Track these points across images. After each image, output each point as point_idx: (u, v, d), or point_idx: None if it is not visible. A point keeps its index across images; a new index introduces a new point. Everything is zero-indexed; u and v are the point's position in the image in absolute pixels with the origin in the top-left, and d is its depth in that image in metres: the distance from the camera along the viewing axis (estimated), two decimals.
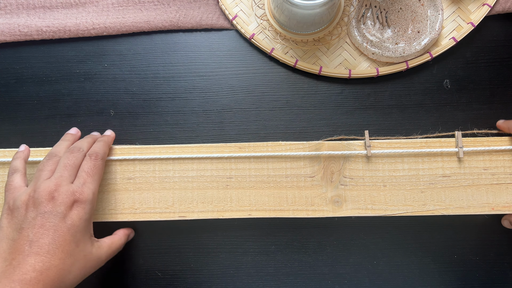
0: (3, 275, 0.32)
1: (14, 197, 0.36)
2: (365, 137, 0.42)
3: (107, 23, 0.46)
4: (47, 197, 0.34)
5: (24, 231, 0.34)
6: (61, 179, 0.36)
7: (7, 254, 0.33)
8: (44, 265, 0.32)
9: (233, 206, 0.41)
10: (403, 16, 0.45)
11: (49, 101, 0.46)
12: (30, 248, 0.33)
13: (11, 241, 0.34)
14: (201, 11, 0.47)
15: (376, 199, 0.41)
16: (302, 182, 0.41)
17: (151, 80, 0.46)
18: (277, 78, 0.46)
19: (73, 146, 0.39)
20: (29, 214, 0.34)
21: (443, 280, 0.43)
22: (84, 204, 0.35)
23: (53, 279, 0.33)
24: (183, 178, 0.42)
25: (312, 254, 0.44)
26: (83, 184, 0.36)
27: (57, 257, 0.33)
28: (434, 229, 0.44)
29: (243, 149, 0.42)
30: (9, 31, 0.46)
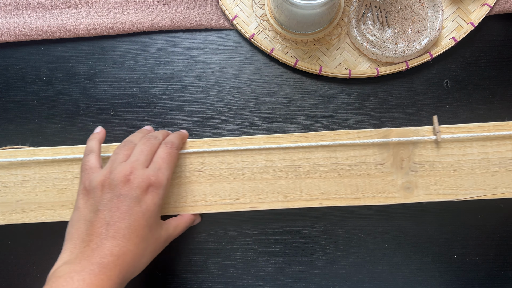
0: (82, 256, 0.32)
1: (90, 177, 0.36)
2: (434, 122, 0.41)
3: (107, 23, 0.46)
4: (123, 180, 0.34)
5: (101, 213, 0.34)
6: (136, 163, 0.36)
7: (85, 235, 0.34)
8: (121, 250, 0.33)
9: (303, 196, 0.41)
10: (403, 16, 0.45)
11: (49, 101, 0.46)
12: (106, 231, 0.33)
13: (88, 222, 0.34)
14: (201, 11, 0.47)
15: (447, 184, 0.41)
16: (372, 170, 0.41)
17: (151, 80, 0.46)
18: (277, 78, 0.46)
19: (149, 135, 0.39)
20: (105, 196, 0.34)
21: (443, 280, 0.43)
22: (158, 189, 0.35)
23: (128, 263, 0.33)
24: (252, 169, 0.42)
25: (312, 254, 0.44)
26: (158, 169, 0.36)
27: (132, 242, 0.33)
28: (434, 229, 0.44)
29: (310, 139, 0.42)
30: (9, 31, 0.46)
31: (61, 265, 0.32)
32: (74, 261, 0.32)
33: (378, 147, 0.41)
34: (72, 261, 0.32)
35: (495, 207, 0.44)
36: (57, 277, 0.31)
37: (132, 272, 0.34)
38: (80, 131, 0.46)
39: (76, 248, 0.33)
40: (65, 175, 0.42)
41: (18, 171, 0.43)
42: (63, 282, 0.30)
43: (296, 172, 0.42)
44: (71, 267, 0.31)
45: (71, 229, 0.35)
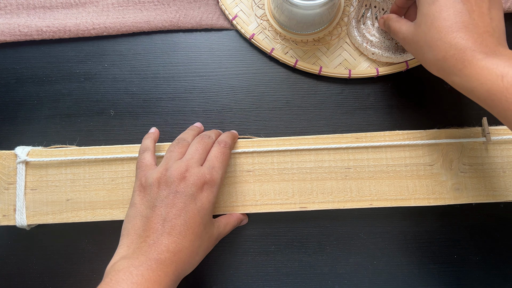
0: (139, 252, 0.33)
1: (146, 174, 0.37)
2: (484, 124, 0.41)
3: (107, 23, 0.46)
4: (179, 177, 0.35)
5: (157, 209, 0.34)
6: (191, 161, 0.36)
7: (141, 231, 0.34)
8: (177, 247, 0.33)
9: (354, 197, 0.41)
10: None
11: (49, 101, 0.46)
12: (163, 228, 0.33)
13: (144, 218, 0.35)
14: (201, 11, 0.47)
15: (497, 185, 0.41)
16: (422, 171, 0.41)
17: (151, 80, 0.46)
18: (277, 78, 0.46)
19: (203, 134, 0.40)
20: (162, 192, 0.35)
21: (443, 280, 0.43)
22: (213, 187, 0.36)
23: (184, 261, 0.33)
24: (302, 169, 0.42)
25: (312, 254, 0.44)
26: (212, 167, 0.37)
27: (187, 239, 0.34)
28: (434, 229, 0.44)
29: (360, 139, 0.42)
30: (9, 31, 0.46)
31: (119, 259, 0.33)
32: (132, 256, 0.32)
33: (428, 148, 0.42)
34: (130, 256, 0.32)
35: (495, 207, 0.44)
36: (116, 271, 0.31)
37: (187, 269, 0.34)
38: (80, 131, 0.46)
39: (133, 243, 0.34)
40: (115, 174, 0.43)
41: (68, 170, 0.43)
42: (123, 276, 0.31)
43: (346, 173, 0.42)
44: (129, 262, 0.32)
45: (127, 224, 0.35)
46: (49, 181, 0.43)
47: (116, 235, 0.44)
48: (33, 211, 0.42)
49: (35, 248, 0.45)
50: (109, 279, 0.31)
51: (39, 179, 0.43)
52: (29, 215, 0.42)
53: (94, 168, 0.43)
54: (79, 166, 0.43)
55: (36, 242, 0.45)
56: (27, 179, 0.43)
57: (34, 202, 0.42)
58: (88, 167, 0.43)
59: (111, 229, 0.44)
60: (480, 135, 0.42)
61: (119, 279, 0.31)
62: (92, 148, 0.43)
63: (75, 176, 0.43)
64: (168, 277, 0.32)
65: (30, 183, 0.43)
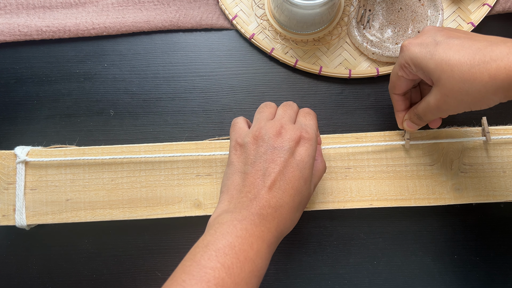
0: (241, 206, 0.32)
1: (241, 134, 0.36)
2: (484, 124, 0.41)
3: (107, 23, 0.46)
4: (275, 133, 0.34)
5: (256, 165, 0.34)
6: (284, 120, 0.36)
7: (241, 186, 0.33)
8: (278, 202, 0.32)
9: (354, 197, 0.41)
10: (403, 16, 0.45)
11: (49, 101, 0.46)
12: (263, 182, 0.33)
13: (243, 174, 0.34)
14: (201, 11, 0.47)
15: (497, 185, 0.41)
16: (422, 171, 0.41)
17: (151, 80, 0.46)
18: (277, 78, 0.46)
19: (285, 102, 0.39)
20: (260, 149, 0.34)
21: (443, 280, 0.43)
22: (309, 141, 0.35)
23: (285, 217, 0.33)
24: None
25: (312, 254, 0.44)
26: (304, 124, 0.36)
27: (288, 194, 0.33)
28: (434, 229, 0.44)
29: (360, 139, 0.42)
30: (9, 31, 0.46)
31: (221, 213, 0.32)
32: (234, 210, 0.32)
33: (428, 148, 0.42)
34: (232, 209, 0.32)
35: (495, 207, 0.44)
36: (220, 223, 0.31)
37: (288, 226, 0.34)
38: (80, 131, 0.46)
39: (234, 198, 0.33)
40: (114, 174, 0.43)
41: (67, 170, 0.43)
42: (227, 228, 0.30)
43: (346, 173, 0.42)
44: (232, 216, 0.31)
45: (226, 181, 0.35)
46: (48, 181, 0.43)
47: (117, 235, 0.44)
48: (32, 211, 0.42)
49: (35, 248, 0.45)
50: (213, 230, 0.31)
51: (39, 179, 0.43)
52: (29, 215, 0.42)
53: (94, 168, 0.43)
54: (78, 166, 0.43)
55: (36, 242, 0.45)
56: (26, 179, 0.42)
57: (33, 202, 0.42)
58: (88, 167, 0.43)
59: (111, 229, 0.44)
60: (480, 135, 0.42)
61: (223, 232, 0.30)
62: (92, 148, 0.43)
63: (75, 176, 0.43)
64: (271, 233, 0.32)
65: (30, 183, 0.43)
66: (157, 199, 0.42)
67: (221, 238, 0.30)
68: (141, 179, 0.42)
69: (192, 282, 0.28)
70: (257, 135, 0.35)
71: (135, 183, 0.42)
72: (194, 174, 0.42)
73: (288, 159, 0.34)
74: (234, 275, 0.28)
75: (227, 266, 0.28)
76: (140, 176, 0.42)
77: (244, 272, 0.29)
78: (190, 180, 0.42)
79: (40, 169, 0.43)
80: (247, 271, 0.29)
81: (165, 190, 0.42)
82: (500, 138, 0.41)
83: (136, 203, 0.42)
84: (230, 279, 0.28)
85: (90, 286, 0.44)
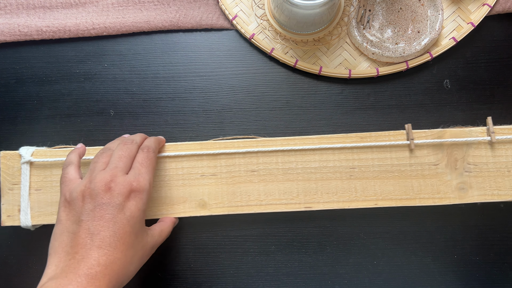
0: (68, 269, 0.31)
1: (70, 189, 0.35)
2: (488, 123, 0.42)
3: (107, 23, 0.46)
4: (104, 188, 0.34)
5: (84, 224, 0.33)
6: (116, 170, 0.35)
7: (69, 247, 0.33)
8: (108, 259, 0.32)
9: (359, 196, 0.41)
10: (403, 16, 0.45)
11: (49, 101, 0.46)
12: (92, 241, 0.32)
13: (71, 234, 0.33)
14: (201, 11, 0.47)
15: (501, 184, 0.41)
16: (427, 171, 0.41)
17: (151, 80, 0.46)
18: (277, 78, 0.46)
19: (126, 138, 0.39)
20: (87, 206, 0.34)
21: (443, 280, 0.43)
22: (141, 194, 0.35)
23: (117, 272, 0.32)
24: (306, 169, 0.42)
25: (312, 254, 0.44)
26: (138, 174, 0.36)
27: (119, 250, 0.33)
28: (434, 229, 0.44)
29: (365, 139, 0.42)
30: (9, 31, 0.46)
31: (47, 281, 0.31)
32: (60, 276, 0.31)
33: (433, 148, 0.42)
34: (58, 275, 0.31)
35: (495, 207, 0.44)
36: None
37: (122, 281, 0.33)
38: (80, 131, 0.46)
39: (61, 261, 0.32)
40: None
41: None
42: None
43: (351, 173, 0.42)
44: (57, 282, 0.30)
45: (54, 242, 0.34)
46: (53, 181, 0.42)
47: None
48: (37, 211, 0.42)
49: (35, 248, 0.45)
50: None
51: (44, 179, 0.43)
52: (34, 215, 0.42)
53: None
54: (83, 167, 0.42)
55: (36, 242, 0.45)
56: (31, 179, 0.42)
57: (38, 203, 0.42)
58: None
59: None
60: (484, 135, 0.42)
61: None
62: (96, 148, 0.43)
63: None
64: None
65: (35, 183, 0.42)
66: (162, 199, 0.42)
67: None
68: None
69: None
70: (85, 190, 0.34)
71: None
72: (198, 174, 0.42)
73: (117, 215, 0.33)
74: None
75: None
76: None
77: None
78: (195, 180, 0.42)
79: (45, 170, 0.43)
80: None
81: (169, 190, 0.42)
82: (505, 138, 0.41)
83: None
84: None
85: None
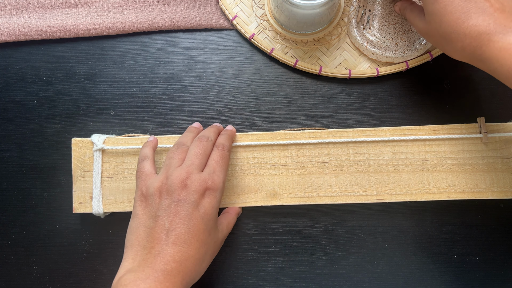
0: (145, 264, 0.32)
1: (146, 184, 0.36)
2: None
3: (107, 23, 0.46)
4: (180, 185, 0.34)
5: (160, 219, 0.34)
6: (192, 167, 0.36)
7: (146, 242, 0.34)
8: (183, 256, 0.33)
9: (431, 189, 0.41)
10: (403, 16, 0.45)
11: (49, 101, 0.46)
12: (167, 238, 0.33)
13: (148, 228, 0.34)
14: (201, 11, 0.47)
15: None
16: (499, 164, 0.41)
17: (151, 80, 0.46)
18: (277, 78, 0.46)
19: (201, 135, 0.39)
20: (163, 202, 0.34)
21: (443, 280, 0.43)
22: (215, 192, 0.35)
23: (190, 269, 0.33)
24: (378, 161, 0.42)
25: (312, 254, 0.44)
26: (213, 172, 0.36)
27: (193, 247, 0.33)
28: (434, 229, 0.44)
29: (437, 132, 0.42)
30: (9, 31, 0.46)
31: (125, 273, 0.32)
32: (137, 269, 0.32)
33: (505, 141, 0.42)
34: (136, 268, 0.32)
35: (495, 207, 0.44)
36: (123, 286, 0.31)
37: (194, 278, 0.34)
38: (80, 131, 0.46)
39: (138, 255, 0.33)
40: None
41: None
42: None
43: (423, 165, 0.42)
44: (135, 275, 0.31)
45: (131, 236, 0.35)
46: (125, 169, 0.43)
47: (116, 235, 0.44)
48: (109, 199, 0.42)
49: (35, 248, 0.45)
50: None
51: (115, 167, 0.43)
52: (106, 202, 0.42)
53: None
54: (155, 155, 0.42)
55: (36, 242, 0.45)
56: (103, 167, 0.43)
57: (110, 190, 0.42)
58: (164, 155, 0.42)
59: (111, 229, 0.44)
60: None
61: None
62: (168, 137, 0.43)
63: None
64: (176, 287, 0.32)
65: (106, 171, 0.43)
66: (233, 188, 0.42)
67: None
68: None
69: None
70: (162, 186, 0.35)
71: None
72: (269, 164, 0.42)
73: (192, 212, 0.34)
74: None
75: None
76: None
77: None
78: (266, 170, 0.42)
79: (117, 157, 0.43)
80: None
81: (241, 179, 0.42)
82: None
83: None
84: None
85: (90, 286, 0.44)
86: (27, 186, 0.45)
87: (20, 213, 0.45)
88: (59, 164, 0.45)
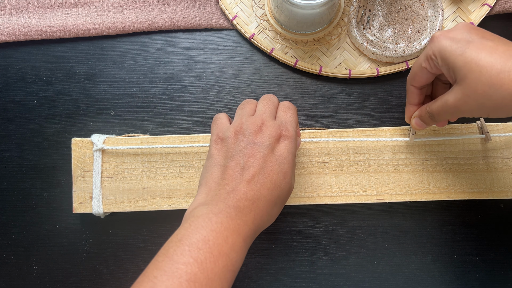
0: (218, 199, 0.32)
1: (222, 128, 0.36)
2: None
3: (107, 23, 0.46)
4: (256, 129, 0.35)
5: (235, 158, 0.34)
6: (265, 116, 0.36)
7: (220, 179, 0.34)
8: (255, 195, 0.33)
9: (431, 189, 0.41)
10: (403, 16, 0.45)
11: (49, 101, 0.46)
12: (241, 176, 0.33)
13: (222, 167, 0.34)
14: (201, 11, 0.47)
15: None
16: (499, 164, 0.41)
17: (151, 80, 0.46)
18: (277, 78, 0.46)
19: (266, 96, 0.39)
20: (239, 143, 0.34)
21: (443, 280, 0.43)
22: (289, 139, 0.35)
23: (262, 210, 0.33)
24: (378, 161, 0.42)
25: (312, 254, 0.44)
26: (285, 121, 0.36)
27: (266, 187, 0.33)
28: (434, 229, 0.44)
29: (438, 132, 0.42)
30: (9, 31, 0.46)
31: (198, 205, 0.32)
32: (210, 203, 0.32)
33: (505, 141, 0.42)
34: (209, 202, 0.32)
35: (495, 207, 0.44)
36: (196, 217, 0.31)
37: (265, 220, 0.34)
38: (80, 131, 0.46)
39: (212, 190, 0.33)
40: (191, 163, 0.43)
41: (144, 159, 0.43)
42: (202, 222, 0.30)
43: (424, 165, 0.42)
44: (208, 208, 0.31)
45: (205, 174, 0.35)
46: (125, 169, 0.43)
47: (116, 235, 0.44)
48: (109, 199, 0.42)
49: (35, 248, 0.45)
50: (188, 224, 0.31)
51: (115, 167, 0.43)
52: (106, 203, 0.42)
53: (171, 157, 0.43)
54: (155, 155, 0.43)
55: (36, 242, 0.45)
56: (103, 167, 0.43)
57: (110, 190, 0.42)
58: (165, 155, 0.43)
59: (111, 229, 0.44)
60: None
61: (198, 226, 0.30)
62: (169, 137, 0.43)
63: (152, 165, 0.43)
64: (247, 226, 0.32)
65: (106, 171, 0.43)
66: None
67: (195, 232, 0.30)
68: None
69: (163, 278, 0.27)
70: (238, 130, 0.35)
71: None
72: None
73: (267, 155, 0.34)
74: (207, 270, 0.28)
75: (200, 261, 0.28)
76: None
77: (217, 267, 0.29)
78: None
79: (117, 157, 0.43)
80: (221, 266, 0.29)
81: None
82: None
83: None
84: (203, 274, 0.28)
85: (90, 286, 0.44)
86: (27, 186, 0.45)
87: (20, 213, 0.45)
88: (59, 164, 0.45)
